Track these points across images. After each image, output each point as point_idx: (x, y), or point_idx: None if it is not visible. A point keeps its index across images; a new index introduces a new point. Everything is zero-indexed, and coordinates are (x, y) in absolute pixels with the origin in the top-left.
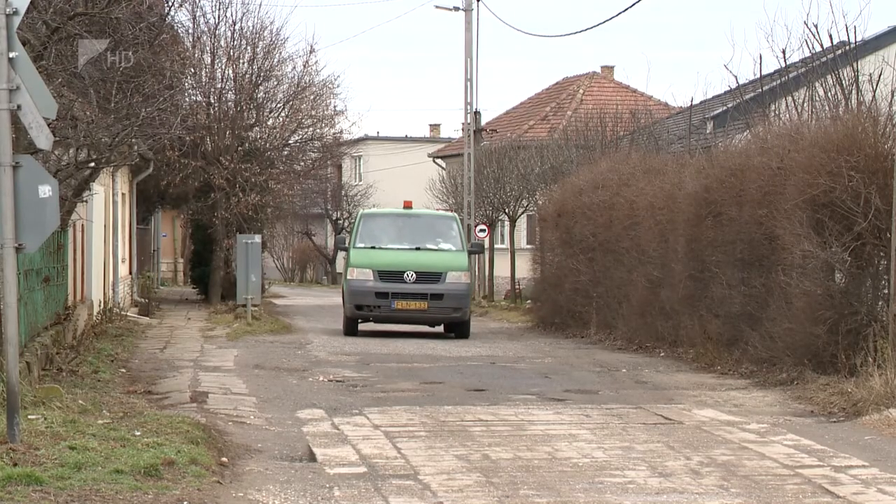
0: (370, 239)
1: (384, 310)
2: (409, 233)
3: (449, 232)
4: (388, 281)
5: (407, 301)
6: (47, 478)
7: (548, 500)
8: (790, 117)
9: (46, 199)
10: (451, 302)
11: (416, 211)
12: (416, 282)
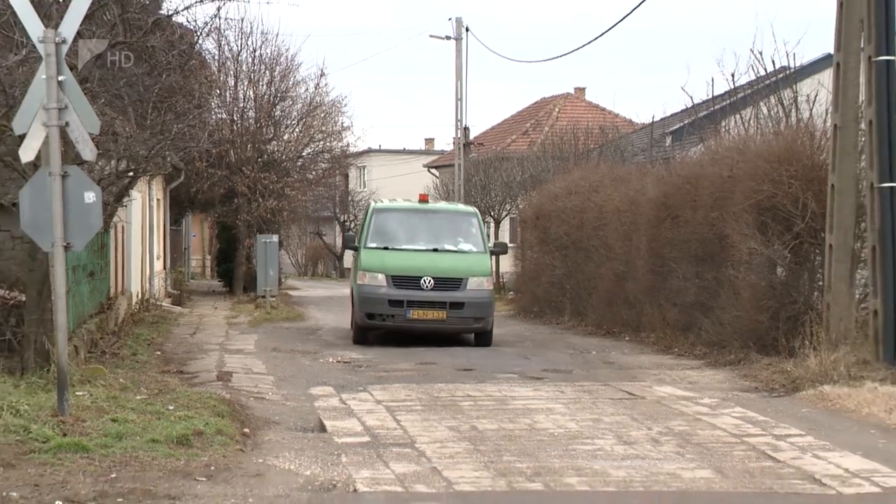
0: (382, 237)
1: (398, 319)
2: (426, 231)
3: (469, 230)
4: (403, 287)
5: (424, 310)
6: (92, 446)
7: (527, 465)
8: (738, 132)
9: (91, 203)
10: (473, 311)
11: (432, 205)
12: (433, 289)
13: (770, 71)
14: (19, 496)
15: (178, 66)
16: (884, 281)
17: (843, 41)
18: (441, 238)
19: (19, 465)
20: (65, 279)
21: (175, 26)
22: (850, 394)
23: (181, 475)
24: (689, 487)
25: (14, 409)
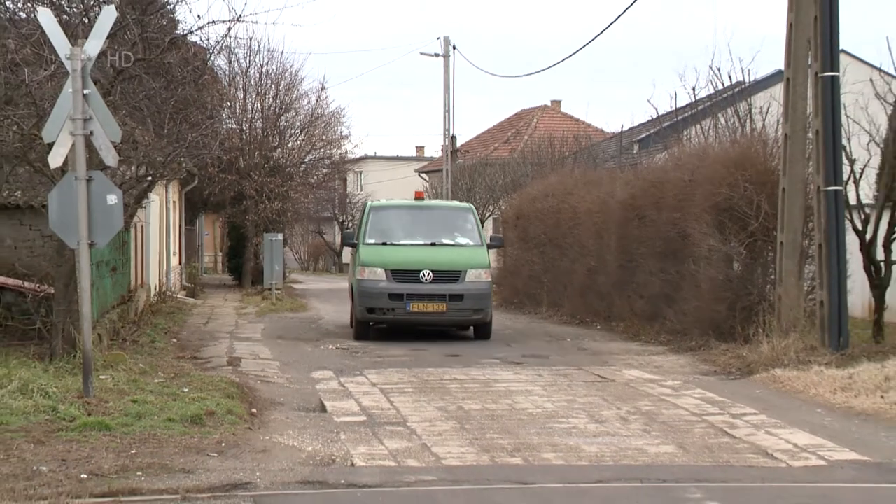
0: (380, 234)
1: (399, 312)
2: (423, 227)
3: (465, 225)
4: (403, 281)
5: (424, 303)
6: (115, 425)
7: (508, 442)
8: (699, 141)
9: (113, 205)
10: (472, 303)
11: (428, 202)
12: (433, 281)
13: (727, 85)
14: (48, 470)
15: (192, 80)
16: (829, 275)
17: (793, 59)
18: (438, 233)
19: (48, 442)
20: (89, 274)
21: (189, 45)
22: (799, 377)
23: (195, 451)
24: (654, 461)
25: (43, 391)
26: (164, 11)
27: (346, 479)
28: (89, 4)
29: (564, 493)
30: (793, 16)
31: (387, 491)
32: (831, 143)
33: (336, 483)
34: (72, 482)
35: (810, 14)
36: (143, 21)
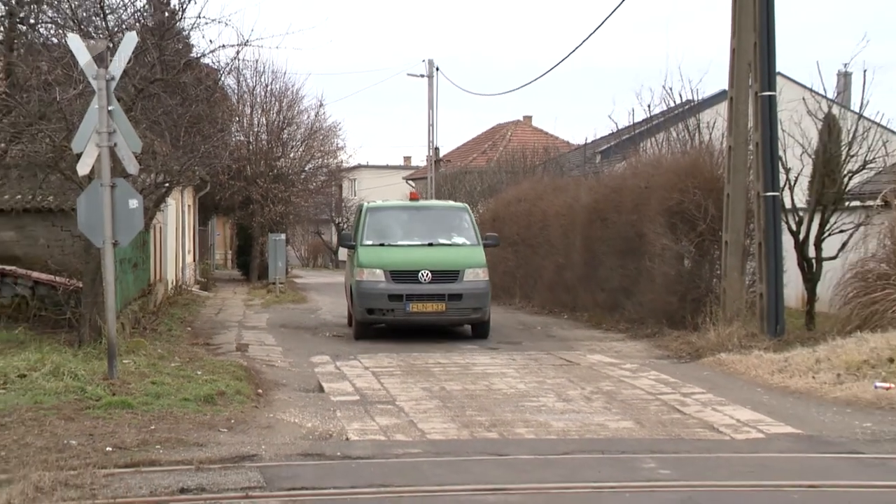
0: (378, 235)
1: (398, 313)
2: (420, 227)
3: (461, 224)
4: (402, 282)
5: (423, 303)
6: (136, 403)
7: (486, 418)
8: (653, 152)
9: (134, 209)
10: (471, 302)
11: (424, 203)
12: (431, 282)
13: (678, 103)
14: (77, 443)
15: (204, 98)
16: (767, 270)
17: (736, 80)
18: (435, 233)
19: (77, 419)
20: (113, 269)
21: (202, 66)
22: (741, 360)
23: (207, 427)
24: (614, 435)
25: (73, 374)
26: (179, 36)
27: (341, 452)
28: (113, 30)
29: (535, 463)
30: (735, 42)
31: (378, 462)
32: (769, 154)
33: (333, 455)
34: (98, 454)
35: (750, 41)
36: (161, 45)
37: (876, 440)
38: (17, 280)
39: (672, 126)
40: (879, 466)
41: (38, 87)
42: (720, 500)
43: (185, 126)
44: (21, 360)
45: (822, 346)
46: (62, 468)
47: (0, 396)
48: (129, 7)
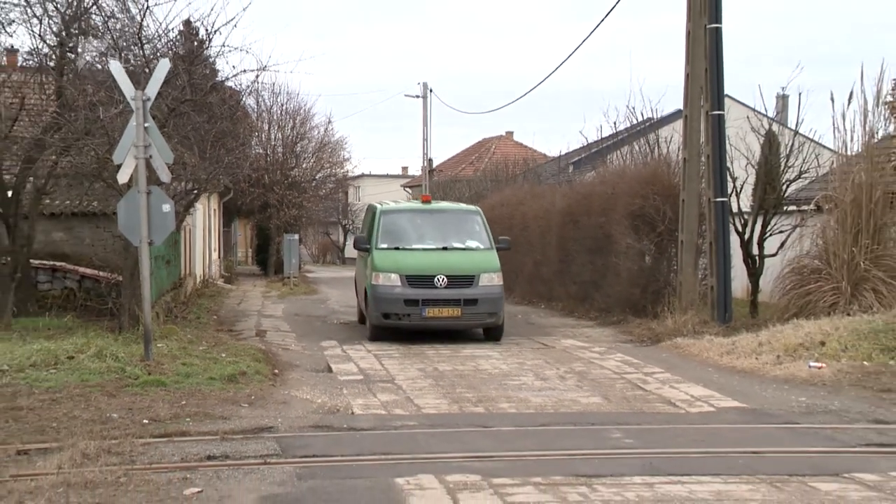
0: (392, 238)
1: (414, 318)
2: (433, 230)
3: (474, 227)
4: (418, 286)
5: (439, 308)
6: (169, 382)
7: (473, 395)
8: (619, 163)
9: (167, 212)
10: (486, 307)
11: (436, 206)
12: (447, 286)
13: (640, 120)
14: (118, 416)
15: (228, 116)
16: (717, 266)
17: (690, 100)
18: (449, 237)
19: (118, 395)
20: (149, 265)
21: (226, 88)
22: (695, 343)
23: (230, 402)
24: (585, 409)
25: (114, 356)
26: (206, 63)
27: (347, 424)
28: (149, 58)
29: (516, 434)
30: (689, 68)
31: (379, 433)
32: (719, 165)
33: (340, 427)
34: (136, 426)
35: (702, 67)
36: (190, 70)
37: (810, 412)
38: (66, 274)
39: (635, 140)
40: (812, 435)
41: (84, 107)
42: (676, 464)
43: (211, 140)
44: (70, 344)
45: (764, 332)
46: (105, 438)
47: (52, 375)
48: (163, 37)
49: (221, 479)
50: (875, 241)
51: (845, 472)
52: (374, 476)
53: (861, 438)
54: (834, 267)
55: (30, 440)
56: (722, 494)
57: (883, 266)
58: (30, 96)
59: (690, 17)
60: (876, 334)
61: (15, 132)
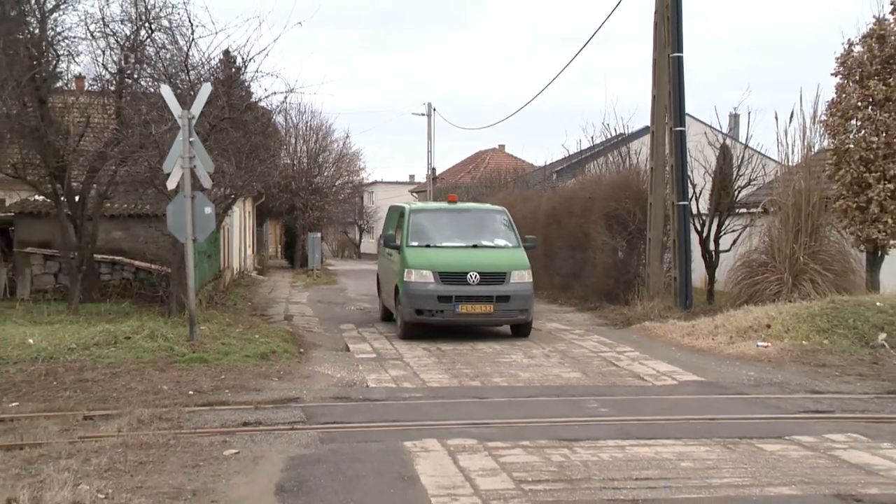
0: (422, 236)
1: (447, 314)
2: (462, 229)
3: (501, 226)
4: (451, 283)
5: (472, 304)
6: (210, 359)
7: (470, 371)
8: (596, 171)
9: (209, 214)
10: (518, 304)
11: (463, 205)
12: (480, 283)
13: (614, 135)
14: (167, 388)
15: (261, 131)
16: (679, 260)
17: (656, 118)
18: (477, 235)
19: (167, 370)
20: (193, 259)
21: (259, 108)
22: (661, 326)
23: (262, 376)
24: (567, 383)
25: (164, 337)
26: (242, 86)
27: (363, 396)
28: (194, 82)
29: (508, 404)
30: (655, 90)
31: (390, 403)
32: (680, 173)
33: (356, 398)
34: (182, 396)
35: (666, 90)
36: (228, 93)
37: (757, 385)
38: (123, 267)
39: (609, 152)
40: (760, 404)
41: (139, 125)
42: (644, 429)
43: (246, 152)
44: (126, 326)
45: (719, 316)
46: (157, 406)
47: (112, 352)
48: (205, 65)
49: (255, 442)
50: (812, 239)
51: (787, 435)
52: (385, 440)
53: (800, 406)
54: (778, 261)
55: (94, 407)
56: (683, 455)
57: (819, 260)
58: (94, 116)
59: (656, 47)
60: (813, 318)
61: (81, 146)
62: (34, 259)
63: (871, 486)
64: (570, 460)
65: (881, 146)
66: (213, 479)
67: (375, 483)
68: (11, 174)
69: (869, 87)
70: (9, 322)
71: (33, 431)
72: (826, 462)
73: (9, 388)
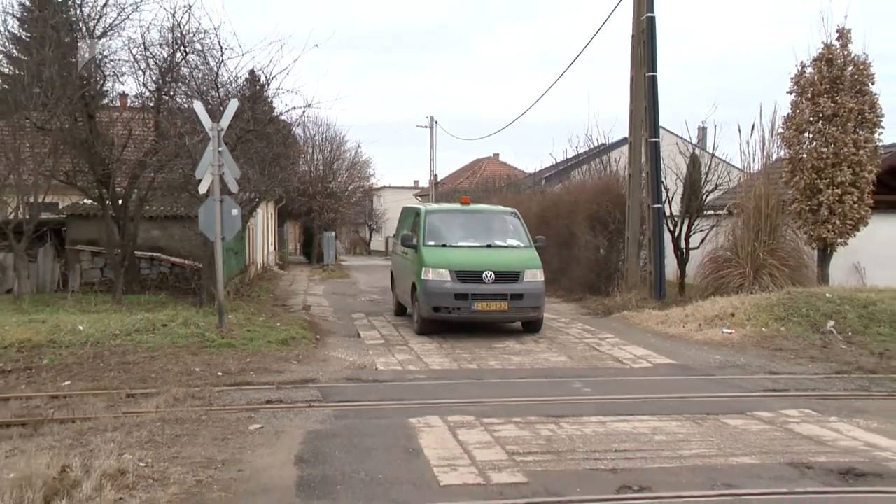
0: (438, 236)
1: (464, 311)
2: (476, 229)
3: (512, 227)
4: (467, 281)
5: (487, 302)
6: (237, 344)
7: (469, 356)
8: (580, 177)
9: (236, 215)
10: (530, 301)
11: (476, 206)
12: (495, 282)
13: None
14: (199, 369)
15: (282, 142)
16: (654, 256)
17: (634, 130)
18: (491, 235)
19: (199, 354)
20: (222, 256)
21: (281, 121)
22: (638, 315)
23: (283, 360)
24: (554, 366)
25: (196, 324)
26: (265, 102)
27: (372, 377)
28: (222, 98)
29: (502, 384)
30: (633, 105)
31: (396, 384)
32: (655, 179)
33: (366, 379)
34: (213, 377)
35: (642, 105)
36: (253, 108)
37: (722, 367)
38: (161, 262)
39: (592, 160)
40: (724, 383)
41: (174, 136)
42: (623, 407)
43: (269, 161)
44: (163, 315)
45: (689, 306)
46: (190, 386)
47: (151, 338)
48: (233, 83)
49: (277, 418)
50: (771, 238)
51: (748, 411)
52: (392, 417)
53: (760, 386)
54: (741, 257)
55: (136, 386)
56: (657, 429)
57: (776, 256)
58: (135, 129)
59: (633, 67)
60: (771, 307)
61: (124, 156)
62: (83, 255)
63: (820, 454)
64: (556, 434)
65: (830, 156)
66: (239, 451)
67: (384, 455)
68: (64, 181)
69: (819, 104)
70: (62, 311)
71: (83, 407)
72: (782, 434)
73: (62, 369)
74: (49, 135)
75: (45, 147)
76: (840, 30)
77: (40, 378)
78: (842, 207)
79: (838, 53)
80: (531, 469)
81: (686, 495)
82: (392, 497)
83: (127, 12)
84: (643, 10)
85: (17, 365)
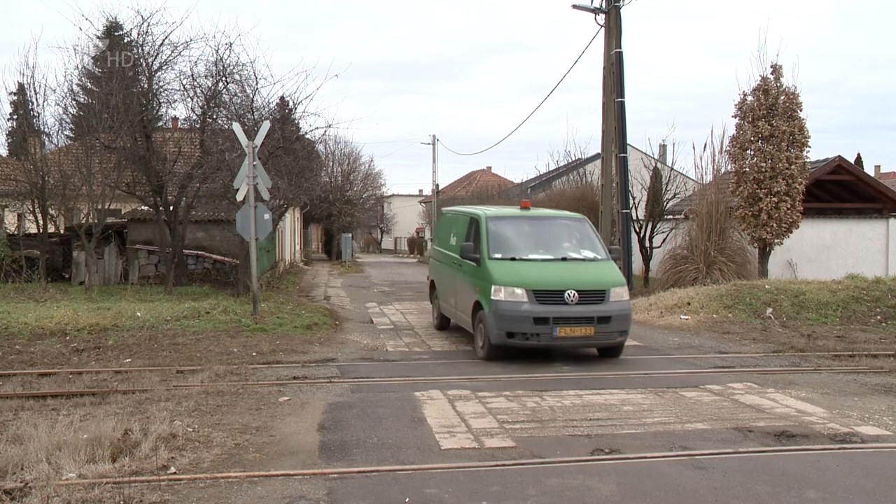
0: (504, 247)
1: (544, 338)
2: (544, 239)
3: (582, 236)
4: (547, 303)
5: (571, 327)
6: (268, 329)
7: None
8: (560, 187)
9: (267, 219)
10: (619, 324)
11: (541, 212)
12: (579, 303)
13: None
14: (237, 350)
15: (306, 157)
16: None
17: (605, 146)
18: (562, 246)
19: (237, 337)
20: (255, 254)
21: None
22: None
23: (307, 343)
24: None
25: (234, 312)
26: (293, 122)
27: (383, 357)
28: (257, 119)
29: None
30: (604, 126)
31: (404, 363)
32: (624, 188)
33: (378, 359)
34: (248, 356)
35: (613, 125)
36: (283, 128)
37: (680, 347)
38: (204, 259)
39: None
40: (681, 361)
41: (216, 153)
42: (596, 383)
43: (296, 173)
44: (207, 304)
45: (653, 296)
46: (229, 363)
47: (196, 323)
48: (266, 107)
49: (303, 392)
50: (720, 238)
51: (701, 385)
52: (400, 391)
53: (711, 363)
54: (695, 255)
55: (184, 364)
56: (626, 401)
57: (725, 254)
58: (184, 146)
59: (605, 93)
60: (721, 297)
61: (175, 169)
62: (141, 253)
63: (760, 420)
64: (540, 406)
65: (768, 170)
66: (271, 419)
67: (393, 423)
68: (126, 191)
69: (758, 127)
70: (123, 300)
71: (141, 381)
72: (729, 404)
73: (124, 349)
74: (114, 152)
75: (111, 163)
76: (773, 65)
77: (106, 356)
78: (778, 213)
79: (773, 85)
80: (519, 435)
81: (649, 456)
82: (400, 459)
83: (178, 50)
84: (612, 46)
85: (88, 345)
